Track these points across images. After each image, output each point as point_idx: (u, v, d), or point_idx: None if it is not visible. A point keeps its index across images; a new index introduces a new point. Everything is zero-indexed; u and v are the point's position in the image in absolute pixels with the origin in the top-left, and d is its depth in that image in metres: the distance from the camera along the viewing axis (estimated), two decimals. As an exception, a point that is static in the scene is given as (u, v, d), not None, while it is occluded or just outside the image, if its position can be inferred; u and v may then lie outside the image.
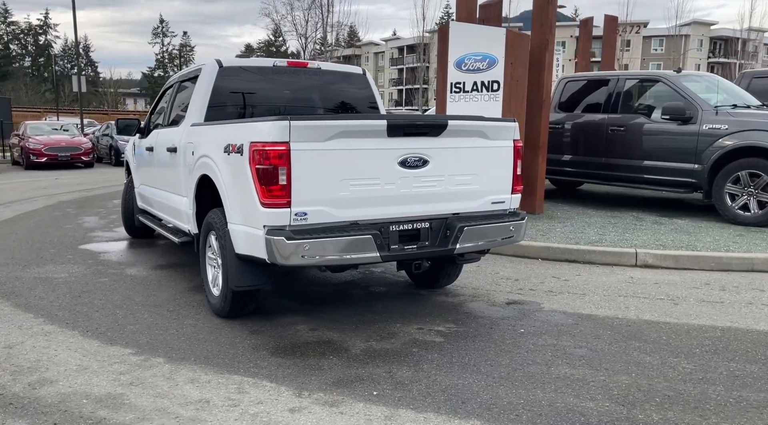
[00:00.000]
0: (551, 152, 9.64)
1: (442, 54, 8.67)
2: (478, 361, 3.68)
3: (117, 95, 73.68)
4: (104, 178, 15.85)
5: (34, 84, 79.79)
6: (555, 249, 6.46)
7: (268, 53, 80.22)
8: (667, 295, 5.13)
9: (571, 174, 9.63)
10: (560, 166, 9.63)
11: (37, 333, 4.08)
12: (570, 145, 9.50)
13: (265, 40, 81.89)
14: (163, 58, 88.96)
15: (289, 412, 2.97)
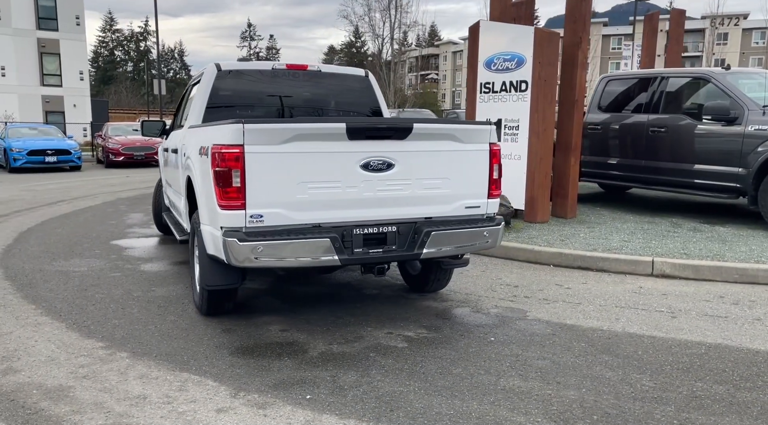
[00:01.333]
0: (591, 154, 9.30)
1: (472, 54, 8.56)
2: (429, 369, 3.62)
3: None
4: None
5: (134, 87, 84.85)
6: (568, 256, 6.23)
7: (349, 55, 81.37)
8: (669, 308, 4.85)
9: (612, 177, 9.23)
10: (600, 168, 9.25)
11: (30, 324, 4.38)
12: (610, 147, 9.11)
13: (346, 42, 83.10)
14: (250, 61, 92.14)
15: (215, 412, 3.05)
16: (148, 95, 71.10)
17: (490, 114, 8.35)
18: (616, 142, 9.02)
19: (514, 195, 8.05)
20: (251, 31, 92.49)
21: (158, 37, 28.20)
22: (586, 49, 8.23)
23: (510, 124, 8.13)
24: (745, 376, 3.54)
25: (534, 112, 7.82)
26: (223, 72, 5.30)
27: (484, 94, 8.43)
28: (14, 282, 5.49)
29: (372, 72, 5.99)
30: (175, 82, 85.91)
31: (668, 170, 8.26)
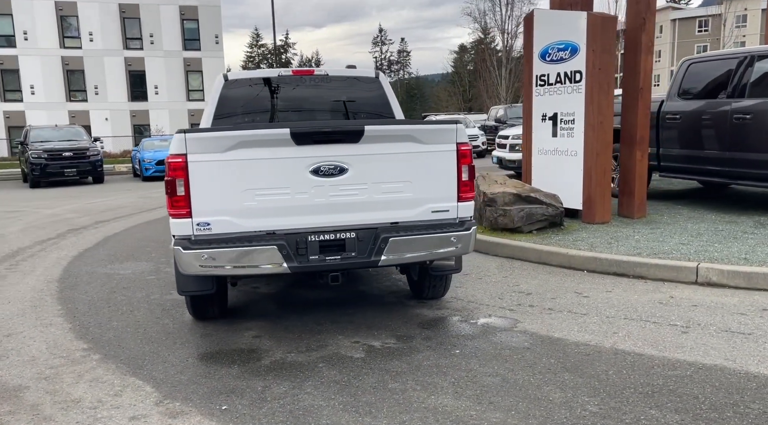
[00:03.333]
0: (670, 147, 8.43)
1: (528, 45, 8.13)
2: (365, 383, 3.48)
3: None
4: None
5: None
6: (602, 261, 5.69)
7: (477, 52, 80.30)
8: (687, 321, 4.27)
9: (693, 172, 8.28)
10: (680, 162, 8.33)
11: (43, 324, 4.80)
12: (690, 138, 8.17)
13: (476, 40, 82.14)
14: (381, 65, 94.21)
15: (128, 419, 3.13)
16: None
17: (546, 108, 7.88)
18: (697, 133, 8.08)
19: (571, 194, 7.52)
20: (382, 36, 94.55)
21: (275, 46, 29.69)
22: (652, 32, 7.47)
23: (565, 118, 7.60)
24: (717, 405, 3.03)
25: (589, 103, 7.25)
26: (229, 82, 5.46)
27: (539, 86, 7.96)
28: (61, 284, 6.06)
29: (500, 67, 5.80)
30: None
31: (751, 162, 7.27)
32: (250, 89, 5.54)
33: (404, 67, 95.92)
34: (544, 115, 7.95)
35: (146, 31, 38.30)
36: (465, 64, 75.51)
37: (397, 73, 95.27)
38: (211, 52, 39.33)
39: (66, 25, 38.23)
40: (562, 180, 7.65)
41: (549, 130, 7.87)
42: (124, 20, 38.28)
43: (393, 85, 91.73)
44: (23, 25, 37.80)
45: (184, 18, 38.95)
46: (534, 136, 8.15)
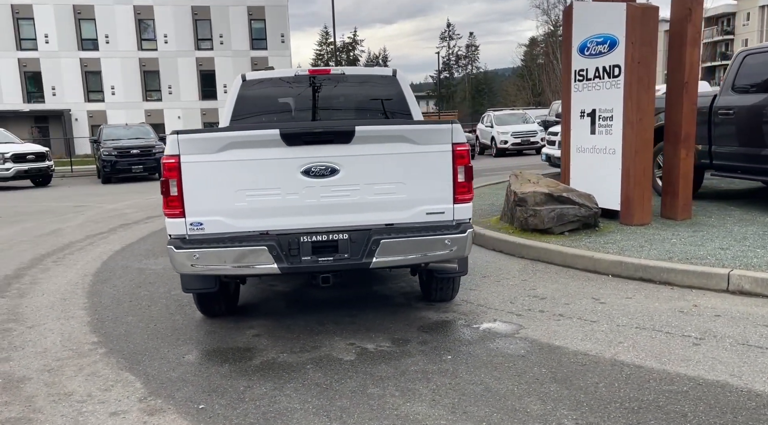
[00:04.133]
0: (723, 144, 7.92)
1: (567, 39, 7.84)
2: (347, 387, 3.45)
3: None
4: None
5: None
6: (628, 265, 5.42)
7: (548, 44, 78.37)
8: (702, 333, 4.01)
9: (750, 171, 7.74)
10: (734, 161, 7.82)
11: (65, 316, 5.02)
12: (745, 134, 7.65)
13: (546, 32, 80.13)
14: (448, 60, 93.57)
15: (107, 415, 3.21)
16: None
17: (584, 104, 7.59)
18: (752, 129, 7.55)
19: (609, 194, 7.21)
20: (450, 31, 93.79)
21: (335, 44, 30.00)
22: (699, 23, 7.04)
23: (604, 115, 7.29)
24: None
25: (627, 99, 6.92)
26: (247, 82, 5.54)
27: (578, 82, 7.67)
28: (95, 278, 6.34)
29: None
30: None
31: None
32: (267, 89, 5.61)
33: (472, 62, 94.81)
34: (582, 112, 7.65)
35: (216, 31, 39.61)
36: (534, 57, 73.76)
37: (464, 68, 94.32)
38: (278, 51, 40.22)
39: (143, 27, 40.02)
40: (600, 179, 7.34)
41: (587, 127, 7.57)
42: (196, 22, 39.72)
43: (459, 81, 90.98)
44: (105, 29, 39.87)
45: (252, 18, 40.01)
46: (572, 134, 7.86)
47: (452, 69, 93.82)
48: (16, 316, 5.07)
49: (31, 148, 20.15)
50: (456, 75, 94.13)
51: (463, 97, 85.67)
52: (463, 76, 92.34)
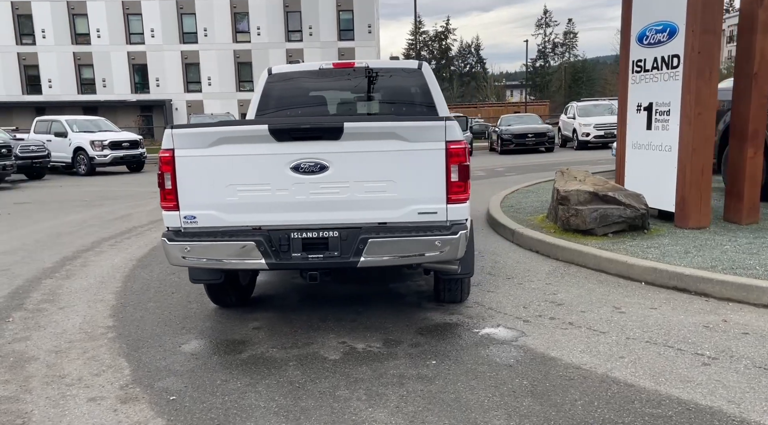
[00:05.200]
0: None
1: (625, 27, 7.38)
2: (319, 387, 3.41)
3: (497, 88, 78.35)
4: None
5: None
6: (662, 273, 5.03)
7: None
8: (719, 352, 3.66)
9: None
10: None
11: (95, 300, 5.27)
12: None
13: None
14: (544, 48, 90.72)
15: (86, 400, 3.33)
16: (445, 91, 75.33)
17: (641, 97, 7.13)
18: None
19: (664, 194, 6.74)
20: (547, 18, 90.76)
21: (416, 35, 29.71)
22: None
23: (660, 109, 6.81)
24: (670, 460, 2.56)
25: (686, 92, 6.41)
26: (273, 75, 5.59)
27: (635, 73, 7.20)
28: (138, 263, 6.65)
29: None
30: (471, 76, 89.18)
31: None
32: (292, 82, 5.63)
33: (570, 50, 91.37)
34: (639, 105, 7.17)
35: (306, 23, 40.48)
36: (636, 45, 69.83)
37: (561, 56, 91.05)
38: (365, 42, 40.56)
39: (238, 20, 41.56)
40: (655, 178, 6.87)
41: (643, 122, 7.10)
42: (287, 14, 40.77)
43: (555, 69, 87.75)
44: (204, 23, 41.76)
45: (340, 9, 40.55)
46: (628, 129, 7.39)
47: (548, 57, 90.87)
48: (54, 297, 5.41)
49: (126, 136, 21.49)
50: (553, 63, 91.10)
51: (558, 86, 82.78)
52: (560, 64, 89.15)
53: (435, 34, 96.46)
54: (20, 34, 43.24)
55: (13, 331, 4.52)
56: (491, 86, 76.03)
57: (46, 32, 43.10)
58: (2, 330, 4.54)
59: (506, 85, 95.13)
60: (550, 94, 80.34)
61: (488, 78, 79.43)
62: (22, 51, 43.33)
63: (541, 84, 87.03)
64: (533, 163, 18.62)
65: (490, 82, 77.03)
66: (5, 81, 43.39)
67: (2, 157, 16.66)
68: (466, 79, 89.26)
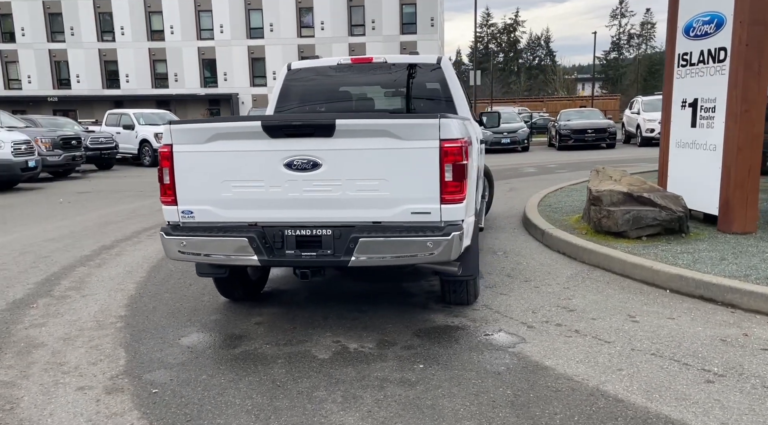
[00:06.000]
0: None
1: (672, 18, 6.98)
2: (297, 387, 3.38)
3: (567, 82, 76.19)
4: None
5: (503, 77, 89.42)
6: (688, 281, 4.73)
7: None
8: (729, 369, 3.40)
9: None
10: None
11: (117, 289, 5.43)
12: None
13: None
14: (618, 40, 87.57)
15: (75, 389, 3.41)
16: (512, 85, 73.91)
17: (686, 92, 6.74)
18: None
19: (707, 196, 6.36)
20: (622, 8, 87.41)
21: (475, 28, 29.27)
22: (830, -5, 5.86)
23: (706, 105, 6.41)
24: (635, 486, 2.38)
25: (732, 87, 6.01)
26: (292, 70, 5.59)
27: (681, 67, 6.80)
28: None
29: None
30: (539, 69, 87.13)
31: None
32: (311, 78, 5.62)
33: (647, 41, 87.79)
34: (683, 102, 6.78)
35: (369, 17, 40.57)
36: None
37: (637, 48, 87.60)
38: (427, 35, 40.30)
39: (303, 16, 42.14)
40: (700, 179, 6.49)
41: (688, 119, 6.70)
42: (350, 8, 40.98)
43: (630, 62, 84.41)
44: (270, 18, 42.59)
45: (403, 2, 40.42)
46: (672, 126, 7.00)
47: (622, 49, 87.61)
48: (80, 285, 5.62)
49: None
50: (628, 55, 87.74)
51: (633, 79, 79.70)
52: (635, 56, 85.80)
53: (503, 27, 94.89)
54: (101, 31, 45.40)
55: (32, 317, 4.72)
56: (560, 79, 73.92)
57: (125, 29, 45.07)
58: (23, 316, 4.75)
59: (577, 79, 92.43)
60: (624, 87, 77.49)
61: (557, 71, 77.19)
62: (102, 47, 45.51)
63: (614, 77, 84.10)
64: (589, 159, 17.98)
65: (559, 75, 74.89)
66: (88, 76, 45.71)
67: (73, 149, 17.52)
68: (535, 72, 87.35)
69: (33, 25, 44.87)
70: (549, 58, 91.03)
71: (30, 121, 19.79)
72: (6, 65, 46.04)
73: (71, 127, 21.10)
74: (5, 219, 9.72)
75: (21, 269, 6.28)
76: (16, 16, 44.87)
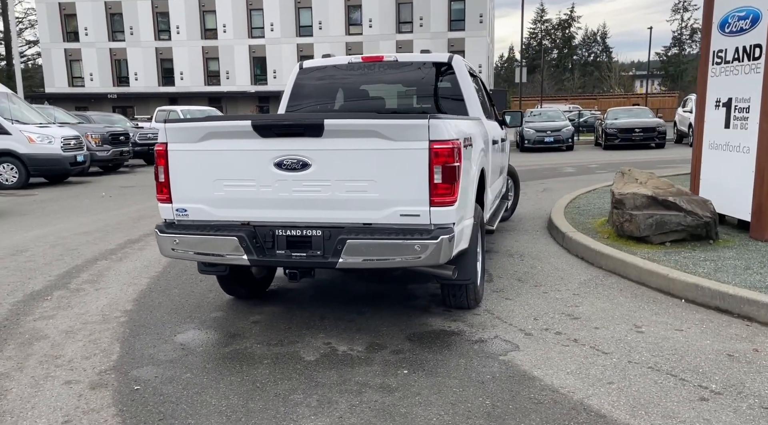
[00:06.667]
0: None
1: (707, 14, 6.65)
2: (276, 389, 3.35)
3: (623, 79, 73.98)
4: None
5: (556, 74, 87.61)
6: (705, 291, 4.48)
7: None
8: (727, 386, 3.20)
9: None
10: None
11: (131, 283, 5.55)
12: None
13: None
14: (680, 35, 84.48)
15: (62, 382, 3.47)
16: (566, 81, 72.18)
17: (721, 91, 6.42)
18: None
19: (740, 201, 6.04)
20: (684, 2, 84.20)
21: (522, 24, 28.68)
22: None
23: (740, 105, 6.08)
24: None
25: (767, 85, 5.66)
26: (304, 70, 5.58)
27: (716, 65, 6.47)
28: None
29: None
30: (595, 66, 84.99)
31: None
32: (322, 77, 5.59)
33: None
34: (717, 101, 6.45)
35: (417, 14, 40.38)
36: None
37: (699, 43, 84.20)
38: (475, 32, 39.84)
39: (351, 14, 42.33)
40: (733, 183, 6.17)
41: (721, 119, 6.38)
42: (398, 6, 40.90)
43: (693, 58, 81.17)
44: (319, 16, 42.96)
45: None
46: (706, 127, 6.68)
47: (684, 44, 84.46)
48: (97, 278, 5.77)
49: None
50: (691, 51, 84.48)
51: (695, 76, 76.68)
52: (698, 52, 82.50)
53: (558, 23, 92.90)
54: (158, 30, 46.77)
55: (44, 309, 4.86)
56: (616, 76, 71.78)
57: (180, 28, 46.29)
58: (35, 308, 4.89)
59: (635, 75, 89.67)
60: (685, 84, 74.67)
61: (613, 67, 74.96)
62: (159, 46, 46.88)
63: (674, 74, 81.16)
64: (634, 159, 17.41)
65: (615, 72, 72.71)
66: (145, 74, 47.19)
67: (120, 144, 18.10)
68: (589, 68, 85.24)
69: (95, 25, 46.58)
70: (605, 54, 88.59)
71: (83, 117, 20.57)
72: (70, 64, 47.96)
73: (123, 124, 21.78)
74: (48, 212, 10.10)
75: (46, 261, 6.49)
76: (80, 16, 46.67)
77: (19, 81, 30.06)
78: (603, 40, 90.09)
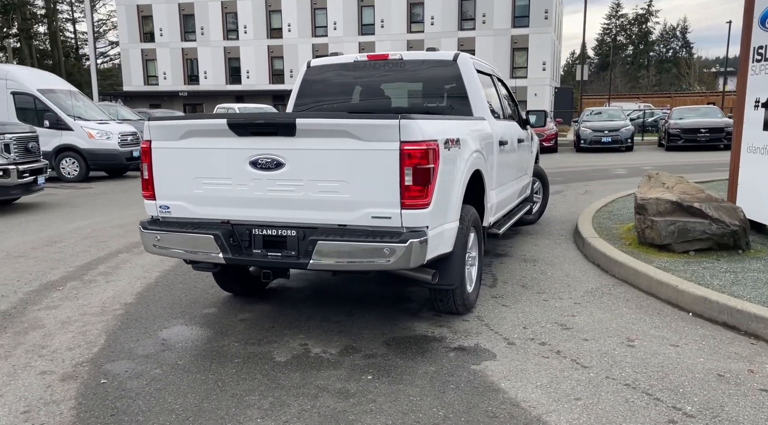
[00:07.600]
0: None
1: (748, 7, 6.19)
2: (233, 390, 3.34)
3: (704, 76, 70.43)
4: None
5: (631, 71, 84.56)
6: (713, 305, 4.17)
7: None
8: (705, 409, 2.96)
9: None
10: None
11: (140, 277, 5.67)
12: None
13: None
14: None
15: (38, 372, 3.56)
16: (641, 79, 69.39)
17: (760, 91, 6.02)
18: None
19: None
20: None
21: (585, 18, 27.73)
22: None
23: (778, 105, 5.63)
24: None
25: (806, 85, 5.22)
26: (311, 68, 5.57)
27: (756, 62, 6.04)
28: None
29: None
30: (672, 62, 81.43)
31: None
32: (329, 75, 5.56)
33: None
34: (756, 101, 6.02)
35: (480, 10, 39.83)
36: None
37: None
38: (540, 28, 38.89)
39: (414, 12, 42.22)
40: (760, 187, 5.72)
41: (761, 121, 5.95)
42: (461, 2, 40.45)
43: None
44: (381, 14, 43.09)
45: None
46: (744, 129, 6.24)
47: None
48: (113, 271, 5.95)
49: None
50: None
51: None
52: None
53: (634, 17, 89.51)
54: (227, 30, 48.17)
55: (51, 300, 5.04)
56: (695, 73, 68.36)
57: (247, 28, 47.50)
58: (44, 298, 5.09)
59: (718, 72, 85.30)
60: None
61: (692, 63, 71.37)
62: (227, 45, 48.25)
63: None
64: (695, 161, 16.53)
65: (694, 68, 69.23)
66: (214, 72, 48.71)
67: (178, 141, 18.73)
68: (667, 65, 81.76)
69: (169, 25, 48.43)
70: (685, 49, 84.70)
71: (145, 114, 21.40)
72: (146, 63, 50.07)
73: (183, 121, 22.52)
74: (96, 205, 10.54)
75: (74, 252, 6.75)
76: (156, 17, 48.63)
77: (94, 80, 31.70)
78: (683, 35, 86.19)
